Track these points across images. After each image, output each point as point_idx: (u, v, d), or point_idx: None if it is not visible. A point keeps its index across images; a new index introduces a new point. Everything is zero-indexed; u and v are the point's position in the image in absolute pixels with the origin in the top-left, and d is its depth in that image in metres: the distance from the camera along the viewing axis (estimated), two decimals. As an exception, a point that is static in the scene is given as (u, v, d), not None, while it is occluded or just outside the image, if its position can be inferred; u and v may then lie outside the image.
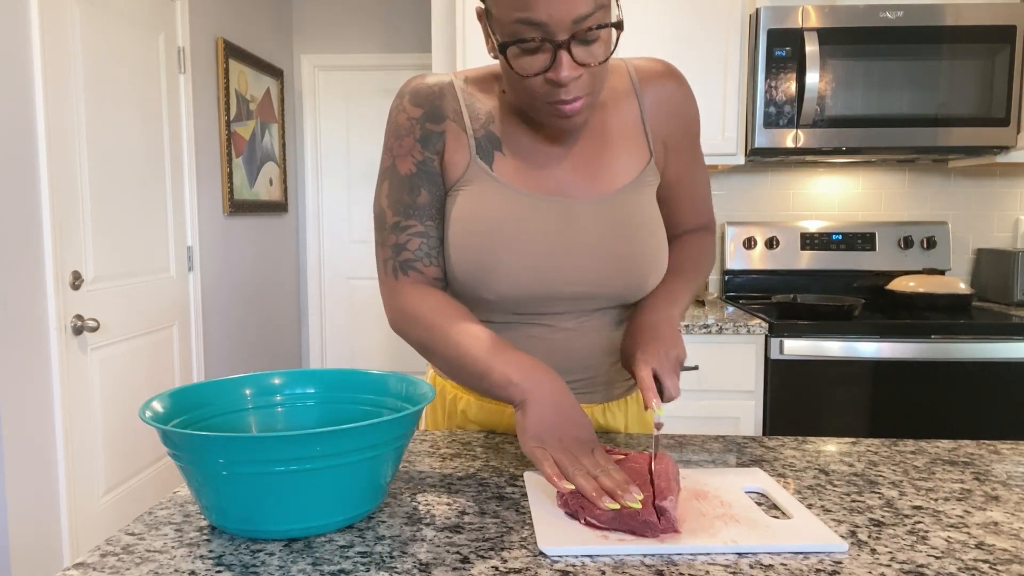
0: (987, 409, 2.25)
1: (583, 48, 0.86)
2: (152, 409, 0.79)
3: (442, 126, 1.00)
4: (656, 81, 1.04)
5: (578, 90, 0.88)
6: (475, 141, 1.00)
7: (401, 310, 1.01)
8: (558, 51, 0.85)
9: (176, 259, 2.98)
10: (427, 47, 4.35)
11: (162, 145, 2.87)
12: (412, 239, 1.01)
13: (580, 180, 1.00)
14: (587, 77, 0.88)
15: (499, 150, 1.00)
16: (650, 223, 1.02)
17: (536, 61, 0.87)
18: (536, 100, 0.90)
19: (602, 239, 0.99)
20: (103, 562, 0.70)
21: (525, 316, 1.04)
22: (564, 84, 0.86)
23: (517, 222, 0.97)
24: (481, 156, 1.00)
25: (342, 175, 4.53)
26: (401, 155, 1.01)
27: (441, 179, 1.02)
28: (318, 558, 0.71)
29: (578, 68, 0.86)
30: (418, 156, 1.01)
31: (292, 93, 4.38)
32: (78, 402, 2.35)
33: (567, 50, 0.85)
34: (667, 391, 0.93)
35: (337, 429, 0.70)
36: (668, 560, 0.71)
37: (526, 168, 1.00)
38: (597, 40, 0.86)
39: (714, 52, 2.47)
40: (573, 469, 0.79)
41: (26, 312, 2.12)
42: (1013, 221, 2.87)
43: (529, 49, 0.86)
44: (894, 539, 0.75)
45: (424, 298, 0.99)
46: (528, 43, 0.85)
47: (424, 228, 1.01)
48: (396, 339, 4.59)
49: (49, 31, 2.20)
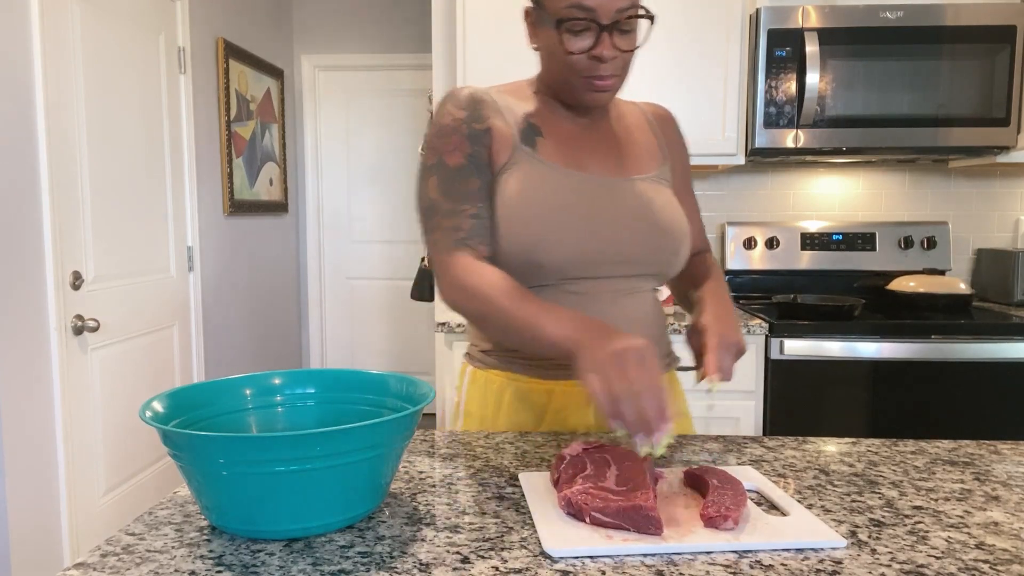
0: (987, 409, 2.25)
1: (621, 35, 1.05)
2: (152, 409, 0.79)
3: (485, 124, 1.12)
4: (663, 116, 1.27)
5: (613, 69, 1.06)
6: (517, 131, 1.12)
7: (456, 285, 1.06)
8: (602, 32, 1.03)
9: (176, 259, 2.98)
10: (427, 47, 4.35)
11: (162, 145, 2.87)
12: (466, 220, 1.10)
13: (611, 165, 1.15)
14: (620, 61, 1.06)
15: (540, 136, 1.13)
16: (675, 205, 1.16)
17: (583, 40, 1.04)
18: (575, 76, 1.07)
19: (640, 210, 1.12)
20: (103, 562, 0.70)
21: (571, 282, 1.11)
22: (605, 61, 1.04)
23: (563, 194, 1.09)
24: (524, 142, 1.12)
25: (342, 175, 4.53)
26: (449, 151, 1.11)
27: (489, 169, 1.12)
28: (318, 558, 0.71)
29: (615, 50, 1.04)
30: (467, 149, 1.11)
31: (292, 93, 4.38)
32: (78, 402, 2.35)
33: (610, 33, 1.03)
34: (726, 373, 1.00)
35: (337, 429, 0.70)
36: (668, 560, 0.71)
37: (566, 151, 1.13)
38: (632, 31, 1.06)
39: (714, 52, 2.47)
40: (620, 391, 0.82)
41: (26, 312, 2.12)
42: (1013, 221, 2.87)
43: (577, 30, 1.04)
44: (894, 539, 0.75)
45: (480, 273, 1.06)
46: (578, 23, 1.03)
47: (476, 210, 1.10)
48: (396, 339, 4.59)
49: (49, 31, 2.20)
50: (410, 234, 4.52)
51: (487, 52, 2.51)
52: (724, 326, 1.05)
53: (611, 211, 1.10)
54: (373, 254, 4.56)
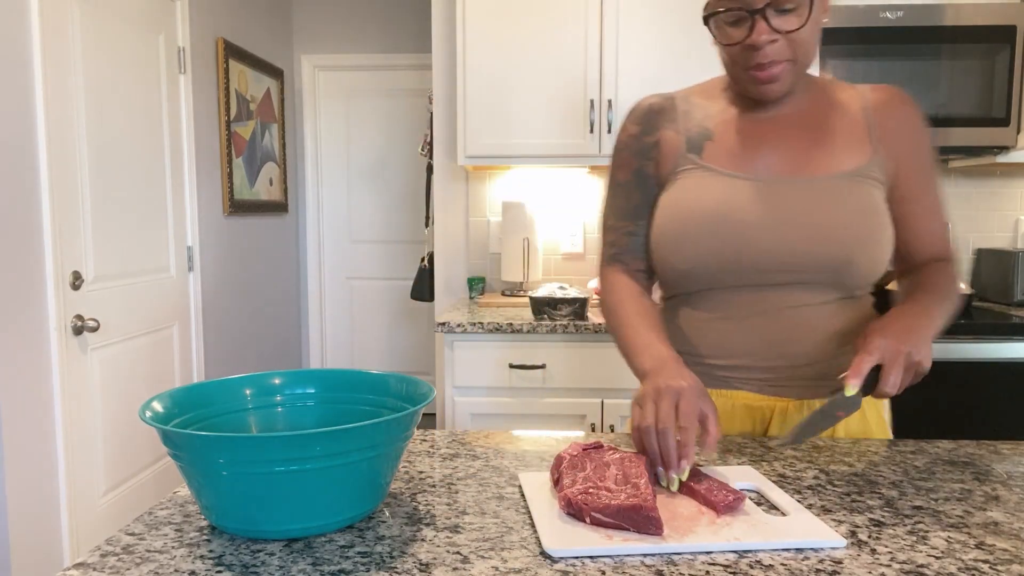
0: (987, 409, 2.25)
1: (780, 16, 0.97)
2: (152, 409, 0.79)
3: (655, 136, 1.14)
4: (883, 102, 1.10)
5: (775, 55, 0.99)
6: (687, 139, 1.12)
7: (601, 299, 1.18)
8: (754, 18, 0.97)
9: (176, 259, 2.98)
10: (427, 47, 4.35)
11: (162, 145, 2.87)
12: (622, 237, 1.18)
13: (789, 165, 1.07)
14: (785, 44, 0.99)
15: (710, 140, 1.10)
16: (863, 207, 1.04)
17: (737, 32, 1.00)
18: (737, 69, 1.03)
19: (801, 211, 1.04)
20: (103, 562, 0.70)
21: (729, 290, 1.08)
22: (759, 48, 0.98)
23: (708, 201, 1.06)
24: (691, 149, 1.11)
25: (342, 175, 4.53)
26: (620, 167, 1.18)
27: (654, 181, 1.15)
28: (318, 558, 0.71)
29: (773, 33, 0.97)
30: (634, 165, 1.16)
31: (292, 93, 4.38)
32: (78, 402, 2.35)
33: (763, 17, 0.96)
34: (883, 383, 0.91)
35: (337, 429, 0.70)
36: (668, 560, 0.71)
37: (735, 153, 1.09)
38: (794, 10, 0.97)
39: (714, 52, 2.46)
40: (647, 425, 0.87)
41: (26, 312, 2.12)
42: (1013, 221, 2.87)
43: (730, 20, 0.99)
44: (894, 539, 0.75)
45: (618, 291, 1.14)
46: (729, 13, 0.98)
47: (634, 228, 1.16)
48: (396, 339, 4.59)
49: (49, 31, 2.20)
50: (410, 234, 4.52)
51: (487, 52, 2.51)
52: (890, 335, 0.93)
53: (762, 215, 1.04)
54: (373, 254, 4.56)
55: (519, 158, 2.55)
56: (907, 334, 0.94)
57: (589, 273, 2.92)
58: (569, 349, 2.29)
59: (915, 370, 0.93)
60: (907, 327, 0.95)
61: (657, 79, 2.48)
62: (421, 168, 4.41)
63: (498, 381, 2.31)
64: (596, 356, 2.29)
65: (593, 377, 2.29)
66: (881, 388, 0.91)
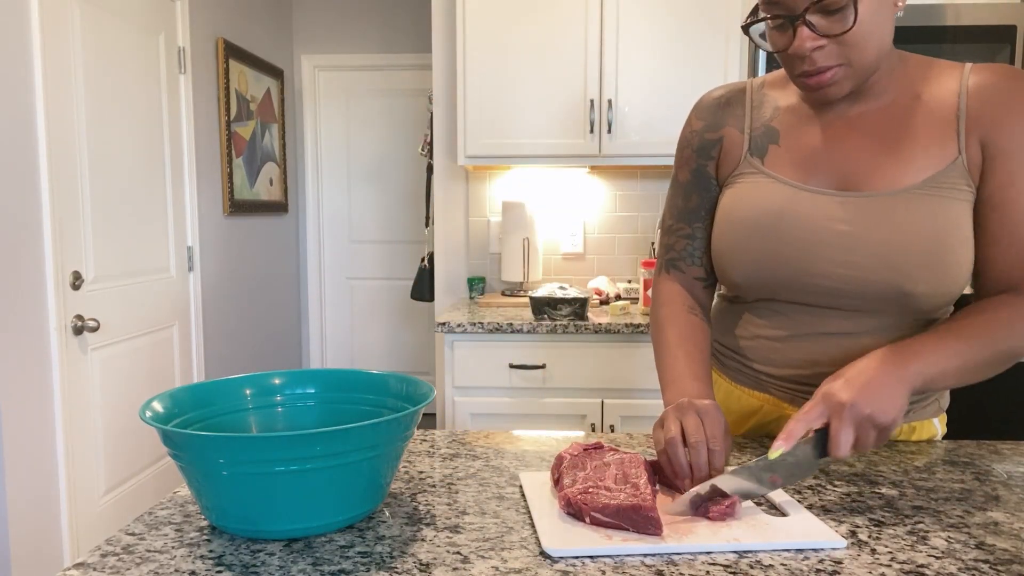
0: (987, 409, 2.25)
1: (825, 19, 0.89)
2: (152, 409, 0.79)
3: (719, 133, 1.08)
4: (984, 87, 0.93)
5: (824, 60, 0.90)
6: (751, 140, 1.05)
7: (653, 303, 1.14)
8: (795, 24, 0.89)
9: (176, 259, 2.98)
10: (427, 47, 4.35)
11: (162, 145, 2.87)
12: (679, 240, 1.12)
13: (853, 177, 0.97)
14: (835, 47, 0.90)
15: (775, 143, 1.03)
16: (932, 227, 0.91)
17: (783, 38, 0.92)
18: (791, 75, 0.96)
19: (859, 231, 0.94)
20: (103, 562, 0.70)
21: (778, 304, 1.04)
22: (802, 55, 0.90)
23: (759, 211, 1.00)
24: (754, 152, 1.04)
25: (342, 175, 4.53)
26: (681, 165, 1.12)
27: (715, 182, 1.09)
28: (318, 558, 0.71)
29: (818, 39, 0.89)
30: (693, 164, 1.10)
31: (292, 93, 4.38)
32: (78, 402, 2.35)
33: (805, 22, 0.88)
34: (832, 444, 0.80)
35: (337, 429, 0.70)
36: (668, 560, 0.71)
37: (801, 159, 1.00)
38: (840, 11, 0.87)
39: (714, 52, 2.47)
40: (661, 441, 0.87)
41: (26, 312, 2.12)
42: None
43: (776, 27, 0.93)
44: (894, 539, 0.75)
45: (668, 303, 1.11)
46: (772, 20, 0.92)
47: (691, 231, 1.11)
48: (396, 339, 4.59)
49: (49, 31, 2.20)
50: (410, 234, 4.52)
51: (487, 52, 2.51)
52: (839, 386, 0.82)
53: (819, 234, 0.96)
54: (373, 254, 4.56)
55: (519, 158, 2.55)
56: (863, 386, 0.81)
57: (589, 273, 2.92)
58: (569, 349, 2.29)
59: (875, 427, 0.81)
60: (867, 378, 0.82)
61: (657, 79, 2.48)
62: (421, 168, 4.41)
63: (498, 381, 2.31)
64: (596, 356, 2.29)
65: (593, 377, 2.29)
66: (831, 450, 0.80)
